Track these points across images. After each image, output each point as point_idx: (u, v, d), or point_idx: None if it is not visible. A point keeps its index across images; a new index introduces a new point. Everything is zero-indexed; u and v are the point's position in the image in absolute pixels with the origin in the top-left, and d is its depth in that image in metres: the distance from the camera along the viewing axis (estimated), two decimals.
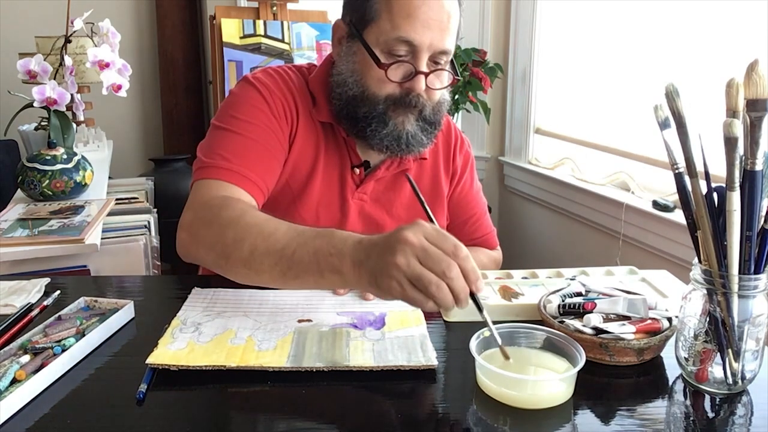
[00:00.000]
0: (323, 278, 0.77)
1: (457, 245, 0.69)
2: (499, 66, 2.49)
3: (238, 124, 1.00)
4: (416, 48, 0.95)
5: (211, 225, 0.87)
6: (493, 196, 2.78)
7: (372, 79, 0.97)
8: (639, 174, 1.98)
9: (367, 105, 0.99)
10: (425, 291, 0.67)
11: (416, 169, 1.13)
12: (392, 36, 0.94)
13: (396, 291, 0.69)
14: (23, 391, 0.64)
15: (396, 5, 0.94)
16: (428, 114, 1.01)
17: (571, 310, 0.79)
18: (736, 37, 1.59)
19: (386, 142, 1.00)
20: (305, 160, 1.06)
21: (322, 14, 2.52)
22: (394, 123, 0.99)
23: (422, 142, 1.02)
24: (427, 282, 0.67)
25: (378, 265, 0.70)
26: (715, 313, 0.67)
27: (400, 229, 0.70)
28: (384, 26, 0.95)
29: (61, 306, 0.84)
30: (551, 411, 0.65)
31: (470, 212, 1.22)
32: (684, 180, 0.70)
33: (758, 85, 0.63)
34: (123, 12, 2.87)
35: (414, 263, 0.67)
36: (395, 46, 0.95)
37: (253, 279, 0.84)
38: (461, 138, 1.21)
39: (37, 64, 1.71)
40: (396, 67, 0.96)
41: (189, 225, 0.91)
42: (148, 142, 3.06)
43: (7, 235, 1.29)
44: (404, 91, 0.97)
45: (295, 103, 1.05)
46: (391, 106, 0.98)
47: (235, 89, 1.07)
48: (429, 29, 0.94)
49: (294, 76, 1.08)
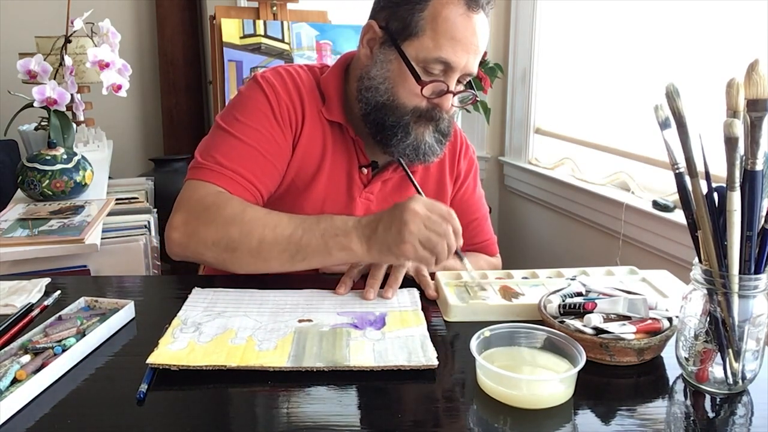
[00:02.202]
0: (331, 256, 0.90)
1: (449, 210, 0.88)
2: (499, 66, 2.49)
3: (240, 128, 1.01)
4: (452, 68, 0.98)
5: (212, 223, 0.92)
6: (493, 196, 2.78)
7: (405, 90, 1.00)
8: (639, 174, 1.97)
9: (396, 114, 1.01)
10: (432, 250, 0.86)
11: (422, 172, 1.15)
12: (433, 55, 0.97)
13: (410, 253, 0.86)
14: (24, 391, 0.64)
15: (442, 26, 0.96)
16: (444, 127, 1.05)
17: (571, 310, 0.79)
18: (736, 37, 1.59)
19: (407, 152, 1.04)
20: (311, 159, 1.06)
21: (322, 14, 2.52)
22: (416, 134, 1.03)
23: (437, 152, 1.06)
24: (433, 243, 0.85)
25: (391, 235, 0.86)
26: (716, 313, 0.67)
27: (404, 204, 0.87)
28: (426, 44, 0.97)
29: (61, 306, 0.84)
30: (551, 411, 0.65)
31: (471, 216, 1.22)
32: (684, 180, 0.70)
33: (759, 85, 0.63)
34: (123, 12, 2.87)
35: (422, 229, 0.85)
36: (433, 65, 0.98)
37: (260, 267, 0.93)
38: (466, 144, 1.23)
39: (37, 64, 1.71)
40: (437, 85, 0.99)
41: (183, 225, 0.94)
42: (148, 142, 3.06)
43: (7, 235, 1.29)
44: (431, 105, 1.01)
45: (302, 102, 1.06)
46: (414, 117, 1.01)
47: (243, 88, 1.08)
48: (466, 52, 0.97)
49: (305, 75, 1.10)
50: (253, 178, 0.99)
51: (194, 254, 0.94)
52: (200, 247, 0.93)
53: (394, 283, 0.94)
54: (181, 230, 0.94)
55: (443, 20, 0.96)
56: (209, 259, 0.94)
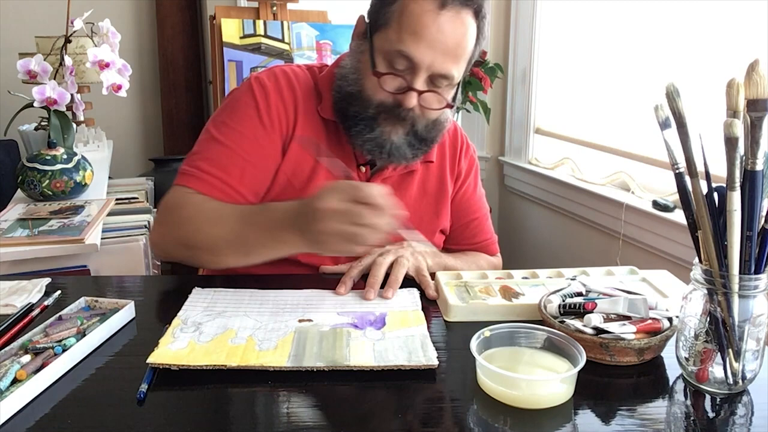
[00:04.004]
0: (274, 249, 0.89)
1: (372, 192, 0.78)
2: (499, 66, 2.49)
3: (225, 131, 1.02)
4: (415, 65, 0.94)
5: (174, 224, 0.97)
6: (493, 196, 2.78)
7: (369, 82, 0.98)
8: (639, 174, 1.97)
9: (359, 105, 0.99)
10: (356, 241, 0.79)
11: (423, 171, 1.14)
12: (395, 48, 0.94)
13: (334, 249, 0.81)
14: (24, 391, 0.64)
15: (406, 19, 0.94)
16: (420, 130, 1.00)
17: (571, 310, 0.79)
18: (736, 37, 1.59)
19: (368, 146, 1.00)
20: (307, 158, 1.06)
21: (322, 14, 2.52)
22: (381, 130, 0.99)
23: (405, 155, 1.02)
24: (355, 234, 0.78)
25: (310, 231, 0.81)
26: (716, 313, 0.67)
27: (312, 201, 0.80)
28: (391, 36, 0.95)
29: (61, 306, 0.84)
30: (551, 411, 0.65)
31: (472, 215, 1.22)
32: (684, 180, 0.70)
33: (759, 85, 0.63)
34: (123, 12, 2.87)
35: (336, 225, 0.78)
36: (395, 58, 0.95)
37: (221, 263, 0.96)
38: (467, 143, 1.22)
39: (37, 64, 1.71)
40: (391, 79, 0.96)
41: (157, 227, 1.01)
42: (148, 142, 3.06)
43: (7, 235, 1.29)
44: (396, 102, 0.97)
45: (296, 102, 1.06)
46: (382, 113, 0.98)
47: (236, 89, 1.09)
48: (432, 50, 0.93)
49: (302, 74, 1.09)
50: (233, 181, 1.00)
51: (168, 254, 0.99)
52: (169, 247, 0.98)
53: (395, 283, 0.94)
54: (155, 232, 1.00)
55: (408, 14, 0.93)
56: (180, 257, 0.98)
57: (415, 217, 1.11)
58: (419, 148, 1.03)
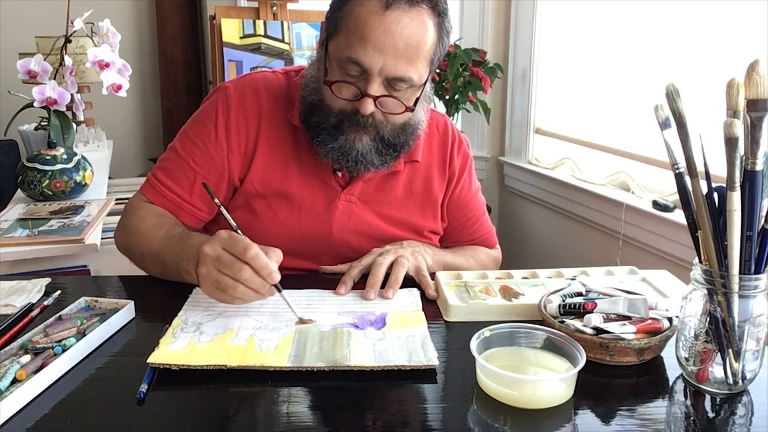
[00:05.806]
0: (181, 277, 0.92)
1: (245, 247, 0.79)
2: (499, 66, 2.49)
3: (185, 143, 1.07)
4: (366, 70, 0.92)
5: (121, 231, 1.06)
6: (493, 196, 2.78)
7: (327, 90, 0.96)
8: (639, 174, 1.98)
9: (320, 115, 0.98)
10: (226, 291, 0.80)
11: (408, 171, 1.11)
12: (345, 54, 0.92)
13: (209, 293, 0.82)
14: (24, 391, 0.64)
15: (353, 24, 0.92)
16: (387, 135, 0.98)
17: (571, 310, 0.79)
18: (736, 37, 1.59)
19: (332, 156, 0.99)
20: (276, 165, 1.05)
21: (322, 14, 2.51)
22: (346, 138, 0.97)
23: (373, 162, 0.99)
24: (224, 286, 0.79)
25: (195, 270, 0.83)
26: (716, 313, 0.67)
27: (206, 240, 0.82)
28: (341, 42, 0.94)
29: (61, 306, 0.84)
30: (551, 411, 0.65)
31: (470, 213, 1.20)
32: (684, 180, 0.70)
33: (759, 85, 0.63)
34: (123, 12, 2.87)
35: (213, 271, 0.80)
36: (347, 65, 0.93)
37: (152, 273, 1.01)
38: (459, 138, 1.18)
39: (37, 64, 1.71)
40: (346, 86, 0.94)
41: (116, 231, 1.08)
42: (148, 142, 3.06)
43: (7, 235, 1.29)
44: (354, 109, 0.95)
45: (260, 113, 1.05)
46: (344, 121, 0.97)
47: (205, 98, 1.12)
48: (381, 53, 0.90)
49: (275, 81, 1.09)
50: (183, 193, 1.04)
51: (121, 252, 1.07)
52: (122, 250, 1.07)
53: (395, 283, 0.94)
54: (115, 236, 1.08)
55: (355, 18, 0.91)
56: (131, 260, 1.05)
57: (401, 218, 1.11)
58: (388, 154, 1.00)
